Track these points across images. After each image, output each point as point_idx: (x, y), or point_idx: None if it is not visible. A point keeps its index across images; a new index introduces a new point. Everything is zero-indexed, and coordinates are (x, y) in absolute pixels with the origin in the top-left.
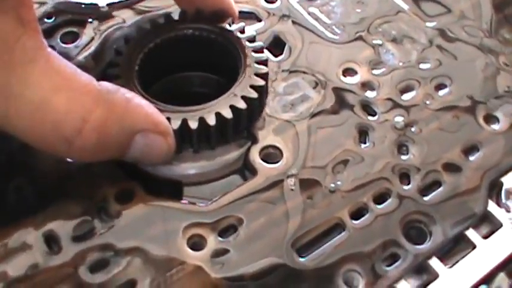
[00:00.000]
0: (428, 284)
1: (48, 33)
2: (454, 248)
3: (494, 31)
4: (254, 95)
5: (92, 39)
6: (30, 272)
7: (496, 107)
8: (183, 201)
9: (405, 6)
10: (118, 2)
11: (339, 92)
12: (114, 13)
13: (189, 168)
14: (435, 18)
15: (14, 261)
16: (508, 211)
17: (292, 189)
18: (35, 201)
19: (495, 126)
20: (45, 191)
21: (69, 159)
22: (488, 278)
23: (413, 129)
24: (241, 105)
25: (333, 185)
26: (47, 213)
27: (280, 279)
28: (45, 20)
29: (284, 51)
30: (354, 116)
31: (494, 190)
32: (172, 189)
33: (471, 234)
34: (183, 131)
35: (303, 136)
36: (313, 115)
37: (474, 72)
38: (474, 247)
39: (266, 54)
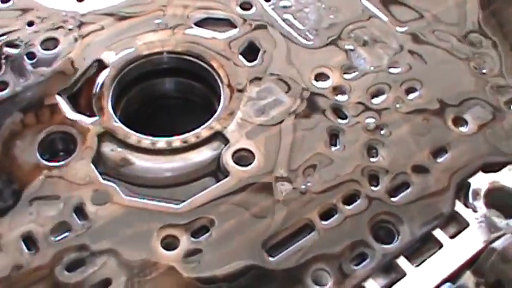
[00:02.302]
0: (395, 282)
1: (29, 39)
2: (422, 248)
3: (465, 36)
4: None
5: (73, 45)
6: (7, 272)
7: (465, 110)
8: (157, 203)
9: (377, 12)
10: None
11: (310, 96)
12: (93, 20)
13: (163, 170)
14: (407, 23)
15: None
16: (475, 211)
17: (263, 191)
18: (12, 202)
19: (463, 129)
20: (23, 194)
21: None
22: (455, 276)
23: (383, 131)
24: None
25: (303, 187)
26: (24, 214)
27: (252, 279)
28: (26, 27)
29: (258, 57)
30: (325, 120)
31: (462, 191)
32: (147, 191)
33: (438, 233)
34: None
35: (275, 140)
36: (285, 119)
37: (444, 76)
38: (441, 246)
39: None
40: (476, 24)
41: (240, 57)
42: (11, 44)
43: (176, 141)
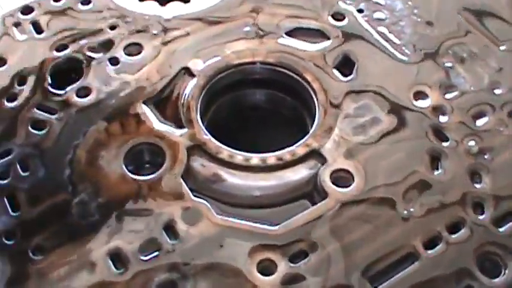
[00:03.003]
0: None
1: (112, 44)
2: None
3: None
4: None
5: (158, 52)
6: None
7: None
8: (252, 223)
9: (475, 28)
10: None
11: (410, 115)
12: (179, 25)
13: (256, 188)
14: (507, 41)
15: (79, 279)
16: None
17: (364, 215)
18: (100, 218)
19: None
20: (111, 209)
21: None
22: None
23: (486, 156)
24: None
25: (406, 212)
26: (113, 231)
27: None
28: (109, 30)
29: (353, 71)
30: (426, 141)
31: None
32: (240, 210)
33: None
34: None
35: (374, 160)
36: (384, 139)
37: None
38: None
39: None
40: None
41: (335, 70)
42: (93, 48)
43: (271, 158)
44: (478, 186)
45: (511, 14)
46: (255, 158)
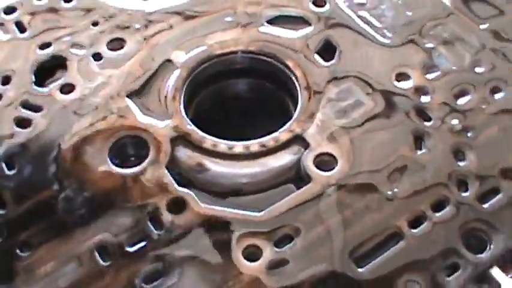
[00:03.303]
0: None
1: (95, 40)
2: None
3: None
4: None
5: (141, 46)
6: (81, 284)
7: None
8: (236, 211)
9: (456, 8)
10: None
11: (392, 97)
12: (161, 18)
13: (241, 176)
14: (487, 19)
15: (66, 273)
16: None
17: (348, 197)
18: (87, 212)
19: None
20: (97, 202)
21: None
22: None
23: (469, 134)
24: None
25: (390, 193)
26: (99, 224)
27: None
28: (91, 27)
29: (335, 56)
30: (409, 122)
31: None
32: (225, 198)
33: None
34: None
35: (357, 143)
36: (367, 121)
37: None
38: None
39: None
40: None
41: (316, 56)
42: (76, 45)
43: (254, 145)
44: (461, 164)
45: None
46: (239, 146)
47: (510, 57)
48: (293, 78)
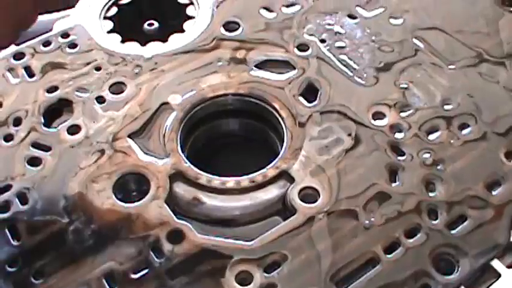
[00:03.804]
0: None
1: (98, 84)
2: (481, 278)
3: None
4: None
5: (140, 89)
6: None
7: None
8: (229, 240)
9: (428, 50)
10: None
11: (369, 134)
12: (158, 63)
13: (233, 208)
14: (457, 61)
15: None
16: None
17: (329, 227)
18: (94, 243)
19: None
20: (103, 234)
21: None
22: None
23: (439, 167)
24: None
25: (367, 222)
26: (106, 254)
27: None
28: (94, 71)
29: (317, 97)
30: (384, 157)
31: None
32: (219, 229)
33: (496, 264)
34: None
35: (337, 177)
36: (346, 157)
37: (494, 109)
38: (499, 276)
39: None
40: None
41: (300, 98)
42: (81, 89)
43: (245, 180)
44: (432, 194)
45: (461, 35)
46: (231, 182)
47: (476, 93)
48: (279, 118)
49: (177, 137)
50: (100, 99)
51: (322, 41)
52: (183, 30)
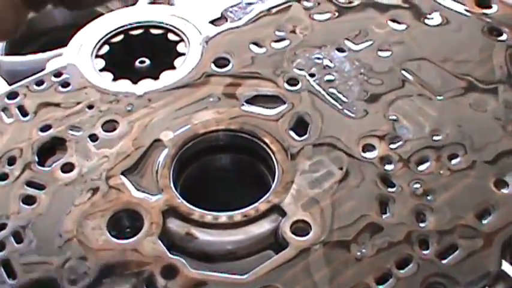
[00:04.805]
0: None
1: (90, 122)
2: None
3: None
4: None
5: (132, 126)
6: None
7: (505, 172)
8: (223, 275)
9: (415, 81)
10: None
11: (360, 167)
12: (150, 101)
13: (226, 243)
14: (445, 92)
15: None
16: None
17: (321, 259)
18: (90, 280)
19: (505, 190)
20: (99, 271)
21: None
22: None
23: (429, 197)
24: None
25: (359, 253)
26: None
27: None
28: (87, 109)
29: (307, 131)
30: (374, 189)
31: (507, 250)
32: (213, 264)
33: None
34: None
35: (329, 210)
36: (337, 190)
37: (484, 140)
38: None
39: None
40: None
41: (291, 132)
42: (74, 127)
43: (237, 215)
44: (422, 225)
45: (450, 65)
46: (223, 216)
47: (464, 124)
48: (270, 153)
49: (170, 173)
50: (93, 137)
51: (312, 75)
52: (174, 67)
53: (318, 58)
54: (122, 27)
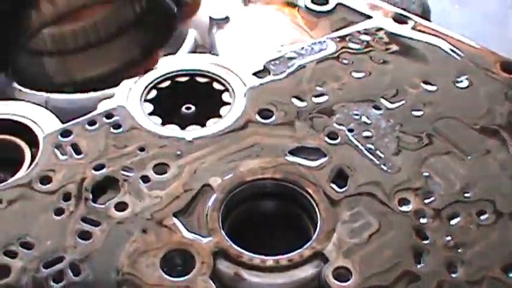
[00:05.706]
0: None
1: (142, 164)
2: None
3: None
4: None
5: (182, 170)
6: None
7: None
8: None
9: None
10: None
11: (396, 218)
12: (199, 146)
13: (273, 286)
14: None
15: None
16: None
17: None
18: None
19: None
20: None
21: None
22: None
23: (460, 250)
24: None
25: None
26: None
27: None
28: (138, 151)
29: (347, 183)
30: (409, 240)
31: None
32: None
33: None
34: None
35: (367, 258)
36: (375, 240)
37: (510, 196)
38: None
39: None
40: None
41: (332, 183)
42: (126, 168)
43: (283, 259)
44: (453, 275)
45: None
46: (270, 260)
47: (493, 182)
48: (312, 202)
49: (218, 216)
50: (145, 179)
51: (350, 130)
52: (219, 115)
53: (356, 115)
54: (168, 73)
